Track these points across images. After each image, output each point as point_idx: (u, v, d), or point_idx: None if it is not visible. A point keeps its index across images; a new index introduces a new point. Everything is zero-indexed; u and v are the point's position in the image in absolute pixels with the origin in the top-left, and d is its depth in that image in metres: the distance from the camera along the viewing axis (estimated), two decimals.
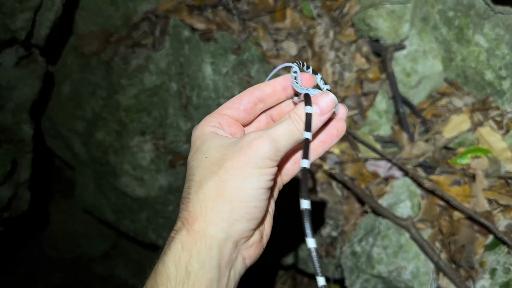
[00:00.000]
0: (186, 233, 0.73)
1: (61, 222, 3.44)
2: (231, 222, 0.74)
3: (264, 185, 0.76)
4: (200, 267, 0.71)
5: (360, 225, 2.08)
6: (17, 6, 1.91)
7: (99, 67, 2.45)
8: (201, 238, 0.72)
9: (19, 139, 2.23)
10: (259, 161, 0.74)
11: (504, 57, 2.00)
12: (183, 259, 0.71)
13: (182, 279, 0.69)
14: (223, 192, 0.74)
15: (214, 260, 0.72)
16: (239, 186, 0.74)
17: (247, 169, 0.74)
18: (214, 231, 0.73)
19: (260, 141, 0.75)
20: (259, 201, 0.76)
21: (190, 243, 0.72)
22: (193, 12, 2.34)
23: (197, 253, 0.71)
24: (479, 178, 1.87)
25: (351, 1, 2.34)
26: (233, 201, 0.74)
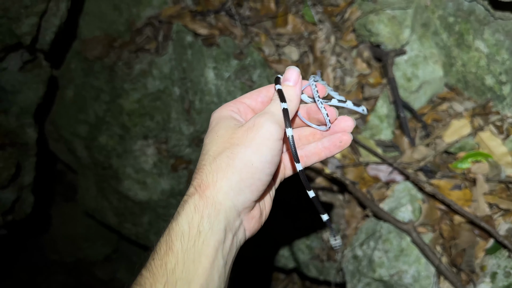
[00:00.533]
0: (198, 198, 0.83)
1: (62, 226, 3.45)
2: (238, 191, 0.84)
3: (271, 160, 0.86)
4: (210, 228, 0.81)
5: (361, 229, 2.09)
6: (22, 11, 1.94)
7: (102, 72, 2.47)
8: (212, 203, 0.83)
9: (23, 142, 2.25)
10: (264, 134, 0.85)
11: (504, 62, 2.02)
12: (196, 219, 0.81)
13: (194, 236, 0.80)
14: (233, 163, 0.84)
15: (221, 224, 0.82)
16: (248, 158, 0.84)
17: (255, 144, 0.85)
18: (222, 198, 0.84)
19: (264, 120, 0.87)
20: (264, 174, 0.86)
21: (202, 206, 0.82)
22: (196, 17, 2.37)
23: (208, 216, 0.81)
24: (480, 182, 1.88)
25: (352, 6, 2.36)
26: (242, 172, 0.84)
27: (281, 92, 0.91)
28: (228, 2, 2.37)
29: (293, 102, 0.93)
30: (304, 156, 1.00)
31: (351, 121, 0.97)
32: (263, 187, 0.88)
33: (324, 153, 0.99)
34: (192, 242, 0.79)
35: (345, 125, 0.97)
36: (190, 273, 0.78)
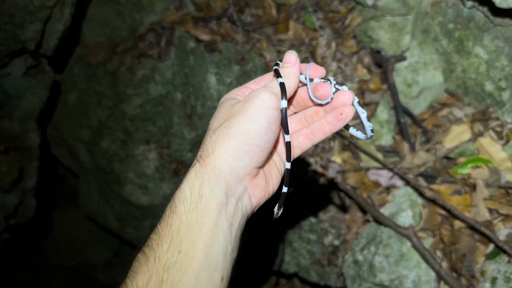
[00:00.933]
0: (199, 166, 0.89)
1: (64, 230, 3.46)
2: (236, 157, 0.89)
3: (267, 126, 0.90)
4: (210, 192, 0.86)
5: (362, 234, 2.10)
6: (27, 17, 1.96)
7: (105, 77, 2.49)
8: (212, 169, 0.88)
9: (26, 147, 2.26)
10: (260, 102, 0.90)
11: (503, 68, 2.03)
12: (197, 184, 0.87)
13: (196, 199, 0.85)
14: (230, 131, 0.89)
15: (222, 188, 0.87)
16: (244, 125, 0.89)
17: (251, 113, 0.90)
18: (221, 164, 0.88)
19: (259, 90, 0.93)
20: (261, 141, 0.90)
21: (202, 172, 0.88)
22: (198, 23, 2.39)
23: (208, 180, 0.87)
24: (480, 187, 1.89)
25: (352, 13, 2.38)
26: (239, 138, 0.89)
27: (277, 71, 0.97)
28: (230, 9, 2.39)
29: (291, 79, 0.98)
30: (310, 133, 1.05)
31: (349, 94, 1.00)
32: (261, 153, 0.91)
33: (329, 128, 1.03)
34: (195, 204, 0.84)
35: (344, 98, 1.00)
36: (194, 232, 0.82)
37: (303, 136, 1.07)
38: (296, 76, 0.98)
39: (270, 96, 0.91)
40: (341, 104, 1.00)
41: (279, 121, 0.94)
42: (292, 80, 0.98)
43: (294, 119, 1.10)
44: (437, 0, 2.21)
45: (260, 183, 0.96)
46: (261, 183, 0.97)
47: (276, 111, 0.92)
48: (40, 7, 1.99)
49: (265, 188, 0.98)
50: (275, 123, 0.92)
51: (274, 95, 0.92)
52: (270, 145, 0.93)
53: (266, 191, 0.99)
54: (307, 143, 1.06)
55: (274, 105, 0.91)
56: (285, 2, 2.46)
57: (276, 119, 0.92)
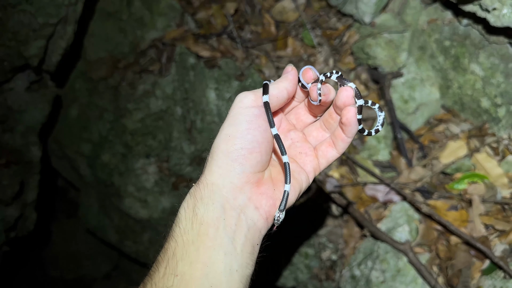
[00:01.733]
0: (195, 186, 0.88)
1: (63, 242, 3.47)
2: (227, 167, 0.86)
3: (246, 126, 0.87)
4: (205, 209, 0.83)
5: (359, 249, 2.10)
6: (31, 34, 2.01)
7: (106, 92, 2.53)
8: (205, 186, 0.86)
9: (27, 160, 2.29)
10: (236, 103, 0.89)
11: (499, 85, 2.06)
12: (190, 203, 0.85)
13: (190, 219, 0.83)
14: (216, 142, 0.88)
15: (217, 203, 0.84)
16: (225, 132, 0.88)
17: (231, 116, 0.89)
18: (215, 178, 0.86)
19: (243, 93, 0.91)
20: (246, 142, 0.87)
21: (196, 191, 0.86)
22: (198, 40, 2.43)
23: (200, 198, 0.84)
24: (476, 203, 1.90)
25: (350, 30, 2.42)
26: (223, 147, 0.87)
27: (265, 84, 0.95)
28: (230, 26, 2.44)
29: (282, 82, 0.94)
30: (332, 141, 1.00)
31: (350, 90, 0.93)
32: (251, 155, 0.87)
33: (345, 134, 0.96)
34: (190, 224, 0.82)
35: (345, 95, 0.93)
36: (190, 253, 0.80)
37: (326, 144, 1.01)
38: (289, 78, 0.94)
39: (245, 94, 0.90)
40: (343, 103, 0.93)
41: (260, 117, 0.89)
42: (285, 82, 0.94)
43: (314, 127, 1.05)
44: (433, 18, 2.25)
45: (265, 191, 0.90)
46: (267, 191, 0.90)
47: (253, 109, 0.89)
48: (44, 24, 2.04)
49: (273, 196, 0.90)
50: (255, 120, 0.88)
51: (250, 94, 0.90)
52: (258, 144, 0.88)
53: (276, 199, 0.90)
54: (332, 152, 1.00)
55: (250, 103, 0.89)
56: (284, 20, 2.50)
57: (257, 116, 0.88)
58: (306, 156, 1.01)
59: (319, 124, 1.04)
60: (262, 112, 0.90)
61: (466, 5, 2.00)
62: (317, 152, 1.02)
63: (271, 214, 0.89)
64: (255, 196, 0.88)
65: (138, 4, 2.49)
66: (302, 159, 1.01)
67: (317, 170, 1.02)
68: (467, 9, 2.00)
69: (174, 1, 2.49)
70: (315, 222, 2.26)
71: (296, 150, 1.02)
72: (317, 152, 1.02)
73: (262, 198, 0.88)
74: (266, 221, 0.89)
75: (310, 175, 1.00)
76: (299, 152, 1.02)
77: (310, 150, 1.02)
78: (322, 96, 0.94)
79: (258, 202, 0.88)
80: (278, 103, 0.95)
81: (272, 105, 0.93)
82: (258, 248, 0.88)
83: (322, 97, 0.94)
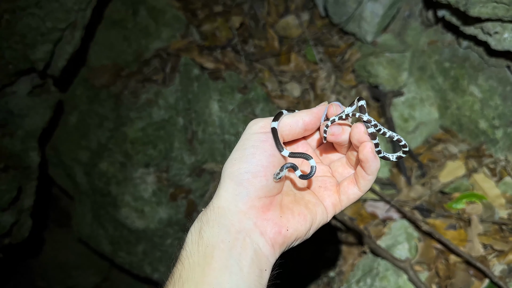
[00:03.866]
0: (204, 210, 0.89)
1: (53, 252, 3.40)
2: (234, 192, 0.87)
3: (252, 151, 0.89)
4: (211, 231, 0.84)
5: (358, 266, 2.10)
6: (39, 38, 2.00)
7: (108, 100, 2.52)
8: (212, 209, 0.87)
9: (26, 166, 2.26)
10: (246, 130, 0.92)
11: (497, 107, 2.10)
12: (197, 227, 0.86)
13: (196, 241, 0.83)
14: (224, 167, 0.90)
15: (223, 226, 0.84)
16: (232, 156, 0.90)
17: (239, 143, 0.91)
18: (221, 202, 0.87)
19: (254, 120, 0.94)
20: (251, 165, 0.88)
21: (203, 215, 0.87)
22: (203, 52, 2.45)
23: (207, 221, 0.85)
24: (474, 223, 1.92)
25: (352, 48, 2.47)
26: (229, 170, 0.88)
27: (279, 113, 0.97)
28: (234, 39, 2.46)
29: (304, 113, 0.95)
30: (355, 178, 0.97)
31: (361, 126, 0.90)
32: (255, 179, 0.87)
33: (363, 172, 0.93)
34: (196, 247, 0.83)
35: (356, 132, 0.91)
36: (196, 274, 0.80)
37: (348, 181, 0.98)
38: (312, 111, 0.95)
39: (255, 121, 0.93)
40: (357, 142, 0.91)
41: (267, 142, 0.90)
42: (304, 113, 0.94)
43: (341, 162, 1.03)
44: (433, 39, 2.30)
45: (271, 217, 0.88)
46: (273, 217, 0.89)
47: (260, 134, 0.91)
48: (52, 29, 2.04)
49: (279, 223, 0.89)
50: (261, 145, 0.89)
51: (261, 121, 0.93)
52: (262, 168, 0.88)
53: (282, 226, 0.89)
54: (353, 189, 0.97)
55: (258, 129, 0.91)
56: (288, 35, 2.54)
57: (263, 141, 0.90)
58: (325, 190, 1.00)
59: (345, 160, 1.02)
60: (269, 138, 0.91)
61: (468, 28, 2.05)
62: (339, 188, 1.00)
63: (277, 241, 0.88)
64: (260, 222, 0.87)
65: (144, 13, 2.51)
66: (321, 193, 0.99)
67: (337, 207, 0.99)
68: (469, 32, 2.05)
69: (180, 13, 2.51)
70: (313, 237, 2.25)
71: (317, 183, 1.01)
72: (339, 188, 0.99)
73: (267, 224, 0.88)
74: (272, 248, 0.88)
75: (328, 210, 0.98)
76: (319, 185, 1.00)
77: (332, 185, 1.01)
78: (330, 136, 0.93)
79: (263, 228, 0.87)
80: (291, 132, 0.95)
81: (284, 133, 0.94)
82: (267, 274, 0.87)
83: (331, 137, 0.94)
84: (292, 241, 0.92)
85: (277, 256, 0.90)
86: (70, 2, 2.02)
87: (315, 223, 0.96)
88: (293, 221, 0.91)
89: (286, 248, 0.93)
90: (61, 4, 2.00)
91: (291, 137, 0.96)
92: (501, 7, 1.85)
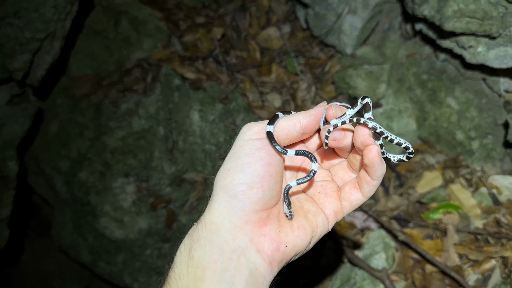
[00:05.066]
0: (194, 226, 0.81)
1: (33, 261, 3.35)
2: (227, 205, 0.79)
3: (246, 160, 0.81)
4: (202, 250, 0.76)
5: (336, 275, 2.11)
6: (17, 48, 2.00)
7: (88, 109, 2.51)
8: (203, 226, 0.79)
9: (3, 175, 2.23)
10: (239, 136, 0.84)
11: (473, 119, 2.14)
12: (187, 245, 0.78)
13: (186, 262, 0.76)
14: (217, 178, 0.82)
15: (215, 244, 0.76)
16: (225, 167, 0.82)
17: (232, 150, 0.83)
18: (213, 217, 0.79)
19: (247, 124, 0.87)
20: (246, 176, 0.80)
21: (194, 231, 0.79)
22: (184, 62, 2.46)
23: (198, 239, 0.77)
24: (450, 233, 1.95)
25: (332, 60, 2.50)
26: (221, 183, 0.81)
27: (274, 116, 0.90)
28: (216, 50, 2.48)
29: (301, 115, 0.88)
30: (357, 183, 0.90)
31: (365, 129, 0.83)
32: (251, 191, 0.79)
33: (367, 175, 0.86)
34: (185, 268, 0.75)
35: (361, 134, 0.83)
36: None
37: (350, 186, 0.91)
38: (309, 113, 0.87)
39: (249, 126, 0.85)
40: (361, 145, 0.83)
41: (263, 150, 0.82)
42: (301, 115, 0.87)
43: (341, 166, 0.96)
44: (412, 52, 2.35)
45: (268, 233, 0.80)
46: (270, 232, 0.81)
47: (255, 141, 0.83)
48: (31, 39, 2.03)
49: (277, 238, 0.81)
50: (256, 153, 0.81)
51: (254, 125, 0.85)
52: (259, 179, 0.80)
53: (280, 242, 0.81)
54: (356, 195, 0.90)
55: (252, 135, 0.84)
56: (269, 47, 2.57)
57: (258, 149, 0.82)
58: (325, 197, 0.92)
59: (346, 164, 0.95)
60: (265, 144, 0.83)
61: (444, 41, 2.09)
62: (340, 193, 0.92)
63: (275, 258, 0.80)
64: (257, 238, 0.79)
65: (126, 24, 2.52)
66: (321, 200, 0.92)
67: (339, 214, 0.92)
68: (445, 45, 2.10)
69: (162, 23, 2.53)
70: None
71: (316, 189, 0.94)
72: (341, 194, 0.92)
73: (264, 240, 0.80)
74: (270, 266, 0.80)
75: (330, 218, 0.91)
76: (319, 192, 0.93)
77: (332, 190, 0.93)
78: (332, 141, 0.87)
79: (260, 245, 0.79)
80: (288, 136, 0.87)
81: (280, 137, 0.86)
82: None
83: (332, 142, 0.87)
84: (291, 257, 0.85)
85: (275, 274, 0.83)
86: (50, 13, 2.01)
87: (316, 235, 0.88)
88: (292, 236, 0.83)
89: (284, 264, 0.85)
90: (40, 14, 2.00)
91: (288, 141, 0.88)
92: (475, 22, 1.90)
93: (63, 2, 2.02)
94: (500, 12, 1.84)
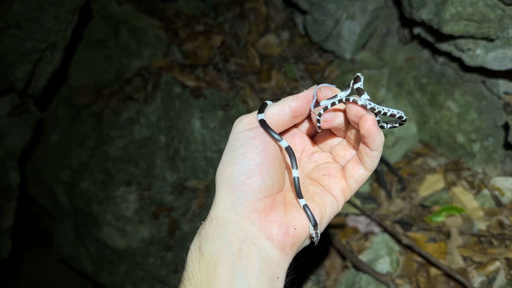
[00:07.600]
0: (202, 224, 0.82)
1: (34, 272, 3.33)
2: (230, 198, 0.80)
3: (242, 151, 0.82)
4: (211, 246, 0.77)
5: (341, 281, 2.10)
6: (18, 59, 2.00)
7: (89, 119, 2.51)
8: (210, 222, 0.80)
9: (5, 186, 2.23)
10: (232, 130, 0.86)
11: (473, 121, 2.15)
12: (197, 243, 0.79)
13: (197, 259, 0.77)
14: (216, 173, 0.83)
15: (224, 238, 0.77)
16: (223, 161, 0.83)
17: (228, 144, 0.85)
18: (218, 212, 0.80)
19: (239, 117, 0.88)
20: (243, 166, 0.81)
21: (202, 229, 0.81)
22: (184, 70, 2.47)
23: (206, 235, 0.79)
24: (454, 235, 1.95)
25: (331, 66, 2.51)
26: (221, 177, 0.82)
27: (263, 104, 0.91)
28: (216, 57, 2.49)
29: (291, 99, 0.88)
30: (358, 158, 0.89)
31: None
32: (250, 180, 0.80)
33: (366, 145, 0.85)
34: (197, 265, 0.76)
35: (354, 109, 0.82)
36: None
37: (352, 162, 0.91)
38: (298, 96, 0.88)
39: (240, 119, 0.87)
40: (355, 117, 0.82)
41: (256, 139, 0.83)
42: (289, 99, 0.88)
43: (341, 145, 0.95)
44: (410, 56, 2.36)
45: (275, 219, 0.80)
46: (277, 218, 0.81)
47: (247, 132, 0.84)
48: (32, 49, 2.04)
49: (285, 223, 0.81)
50: (250, 142, 0.83)
51: (245, 117, 0.87)
52: (256, 167, 0.81)
53: (288, 226, 0.81)
54: (359, 170, 0.89)
55: (244, 127, 0.85)
56: (268, 53, 2.58)
57: (251, 138, 0.83)
58: (330, 178, 0.92)
59: (346, 142, 0.95)
60: (257, 133, 0.84)
61: (442, 45, 2.11)
62: (344, 172, 0.92)
63: (286, 243, 0.80)
64: (264, 225, 0.79)
65: (125, 33, 2.53)
66: (326, 182, 0.92)
67: (346, 192, 0.92)
68: (443, 48, 2.11)
69: (161, 32, 2.54)
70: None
71: (320, 172, 0.94)
72: (345, 172, 0.92)
73: (272, 227, 0.80)
74: (282, 251, 0.80)
75: (338, 198, 0.91)
76: (322, 174, 0.93)
77: (336, 170, 0.93)
78: (324, 123, 0.87)
79: (268, 232, 0.79)
80: (279, 122, 0.87)
81: (272, 124, 0.86)
82: (280, 282, 0.79)
83: (324, 123, 0.87)
84: (303, 240, 0.84)
85: (290, 259, 0.83)
86: (50, 23, 2.03)
87: (326, 215, 0.88)
88: (300, 219, 0.83)
89: (298, 249, 0.85)
90: (41, 25, 2.01)
91: (281, 127, 0.89)
92: (473, 25, 1.91)
93: (63, 13, 2.03)
94: (497, 15, 1.86)
